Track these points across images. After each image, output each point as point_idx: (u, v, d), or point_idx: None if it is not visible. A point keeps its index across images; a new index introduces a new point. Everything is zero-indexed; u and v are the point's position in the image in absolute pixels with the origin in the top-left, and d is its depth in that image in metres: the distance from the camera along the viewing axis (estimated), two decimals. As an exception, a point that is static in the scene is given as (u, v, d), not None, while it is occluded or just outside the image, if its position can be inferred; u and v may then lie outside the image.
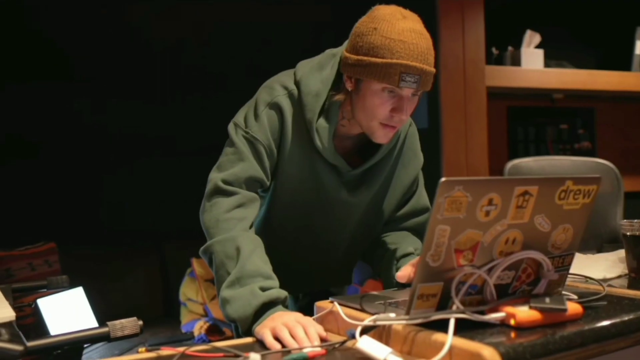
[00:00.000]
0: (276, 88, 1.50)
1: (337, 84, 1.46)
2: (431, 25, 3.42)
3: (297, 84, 1.48)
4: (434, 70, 1.39)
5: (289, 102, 1.48)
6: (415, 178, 1.67)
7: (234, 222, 1.39)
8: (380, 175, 1.58)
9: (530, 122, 3.99)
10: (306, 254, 1.64)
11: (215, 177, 1.45)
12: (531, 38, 3.62)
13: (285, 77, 1.52)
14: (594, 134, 4.13)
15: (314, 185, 1.53)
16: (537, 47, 3.65)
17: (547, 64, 3.70)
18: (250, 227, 1.43)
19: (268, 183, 1.50)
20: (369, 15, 1.41)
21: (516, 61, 3.63)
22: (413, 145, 1.66)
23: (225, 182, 1.43)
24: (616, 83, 3.81)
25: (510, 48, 3.67)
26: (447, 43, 3.34)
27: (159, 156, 3.90)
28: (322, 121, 1.46)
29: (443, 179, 0.96)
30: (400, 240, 1.61)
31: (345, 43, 1.48)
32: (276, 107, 1.48)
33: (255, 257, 1.34)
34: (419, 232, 1.66)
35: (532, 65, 3.62)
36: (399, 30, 1.34)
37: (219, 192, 1.43)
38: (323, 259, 1.66)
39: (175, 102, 3.93)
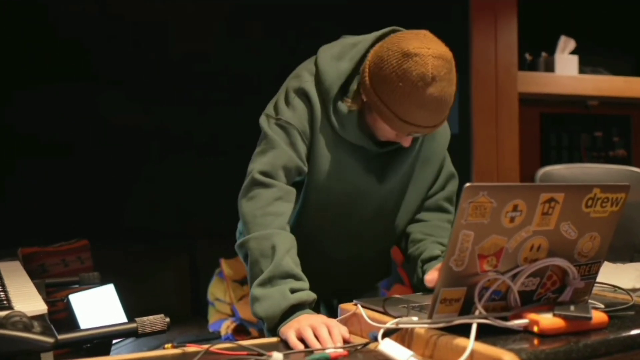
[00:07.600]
0: (304, 75, 1.52)
1: (355, 71, 1.47)
2: (464, 29, 3.41)
3: (316, 70, 1.51)
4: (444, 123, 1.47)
5: (315, 89, 1.50)
6: (443, 154, 1.67)
7: (271, 218, 1.40)
8: (409, 157, 1.58)
9: (564, 128, 3.93)
10: (338, 248, 1.63)
11: (252, 169, 1.46)
12: (565, 44, 3.58)
13: (310, 64, 1.54)
14: (630, 142, 4.04)
15: (342, 169, 1.53)
16: (572, 53, 3.60)
17: (582, 70, 3.65)
18: (288, 222, 1.44)
19: (305, 168, 1.51)
20: (402, 55, 1.33)
21: (550, 67, 3.59)
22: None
23: (262, 173, 1.44)
24: (653, 90, 3.74)
25: (544, 54, 3.63)
26: (479, 48, 3.32)
27: (191, 156, 3.96)
28: (342, 105, 1.48)
29: (467, 185, 0.97)
30: (429, 235, 1.60)
31: (368, 37, 1.48)
32: (304, 94, 1.50)
33: (289, 257, 1.35)
34: (452, 201, 1.67)
35: (566, 72, 3.57)
36: (423, 100, 1.33)
37: (256, 184, 1.44)
38: (355, 250, 1.65)
39: (206, 102, 3.97)
